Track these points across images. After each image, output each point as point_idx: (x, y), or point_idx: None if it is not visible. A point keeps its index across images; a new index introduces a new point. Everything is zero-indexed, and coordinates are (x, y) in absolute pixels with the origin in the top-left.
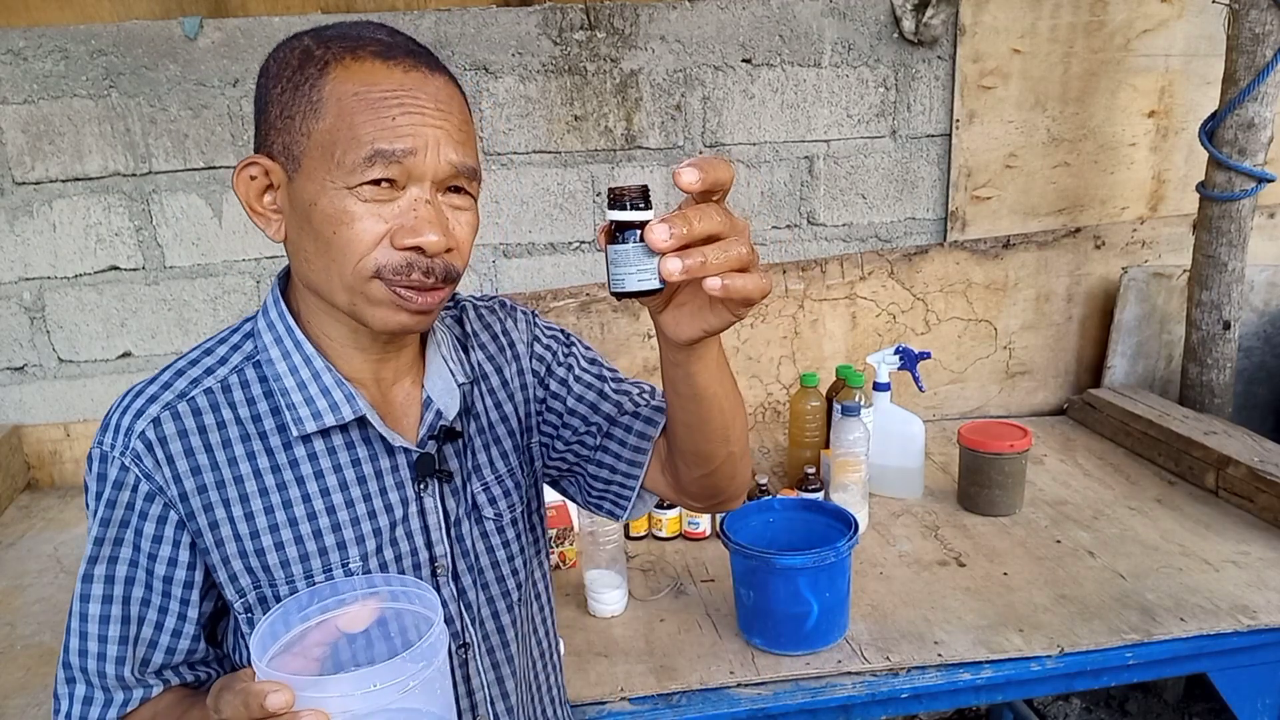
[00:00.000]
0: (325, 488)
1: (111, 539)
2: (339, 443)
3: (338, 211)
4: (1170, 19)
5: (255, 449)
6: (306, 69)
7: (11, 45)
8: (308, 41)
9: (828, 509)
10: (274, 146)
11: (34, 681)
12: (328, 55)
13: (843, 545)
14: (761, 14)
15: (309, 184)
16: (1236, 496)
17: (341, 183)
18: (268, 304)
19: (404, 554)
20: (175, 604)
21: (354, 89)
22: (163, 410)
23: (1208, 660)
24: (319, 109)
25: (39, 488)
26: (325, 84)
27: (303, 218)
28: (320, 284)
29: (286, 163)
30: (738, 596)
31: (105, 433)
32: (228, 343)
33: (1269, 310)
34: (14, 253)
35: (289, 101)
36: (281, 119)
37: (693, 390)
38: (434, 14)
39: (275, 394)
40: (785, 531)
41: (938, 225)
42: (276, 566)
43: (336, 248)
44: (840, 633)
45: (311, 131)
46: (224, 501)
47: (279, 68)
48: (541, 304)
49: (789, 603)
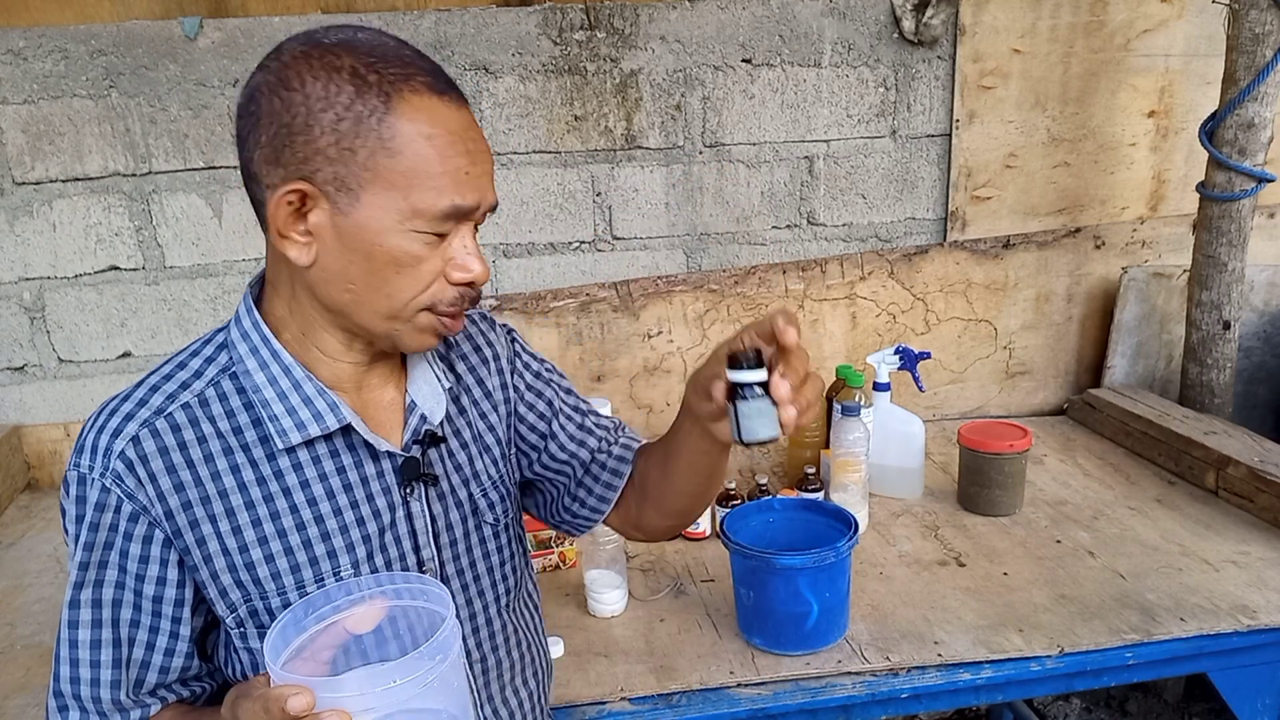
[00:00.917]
0: (312, 497)
1: (96, 562)
2: (323, 451)
3: (405, 254)
4: (1170, 19)
5: (239, 461)
6: (366, 99)
7: (11, 45)
8: (350, 62)
9: (828, 509)
10: (320, 174)
11: (34, 681)
12: (384, 84)
13: (843, 545)
14: (761, 14)
15: (371, 220)
16: (1236, 496)
17: (410, 226)
18: (240, 314)
19: (394, 559)
20: (167, 623)
21: (425, 130)
22: (141, 428)
23: (1208, 660)
24: (390, 147)
25: (39, 488)
26: (393, 120)
27: (356, 251)
28: (353, 310)
29: (337, 192)
30: (738, 596)
31: (81, 454)
32: (200, 355)
33: (1269, 310)
34: (14, 253)
35: (350, 132)
36: (338, 149)
37: (710, 470)
38: (434, 14)
39: (255, 405)
40: (785, 531)
41: (938, 225)
42: (268, 579)
43: (395, 284)
44: (840, 633)
45: (379, 168)
46: (210, 517)
47: (327, 90)
48: (541, 304)
49: (789, 603)
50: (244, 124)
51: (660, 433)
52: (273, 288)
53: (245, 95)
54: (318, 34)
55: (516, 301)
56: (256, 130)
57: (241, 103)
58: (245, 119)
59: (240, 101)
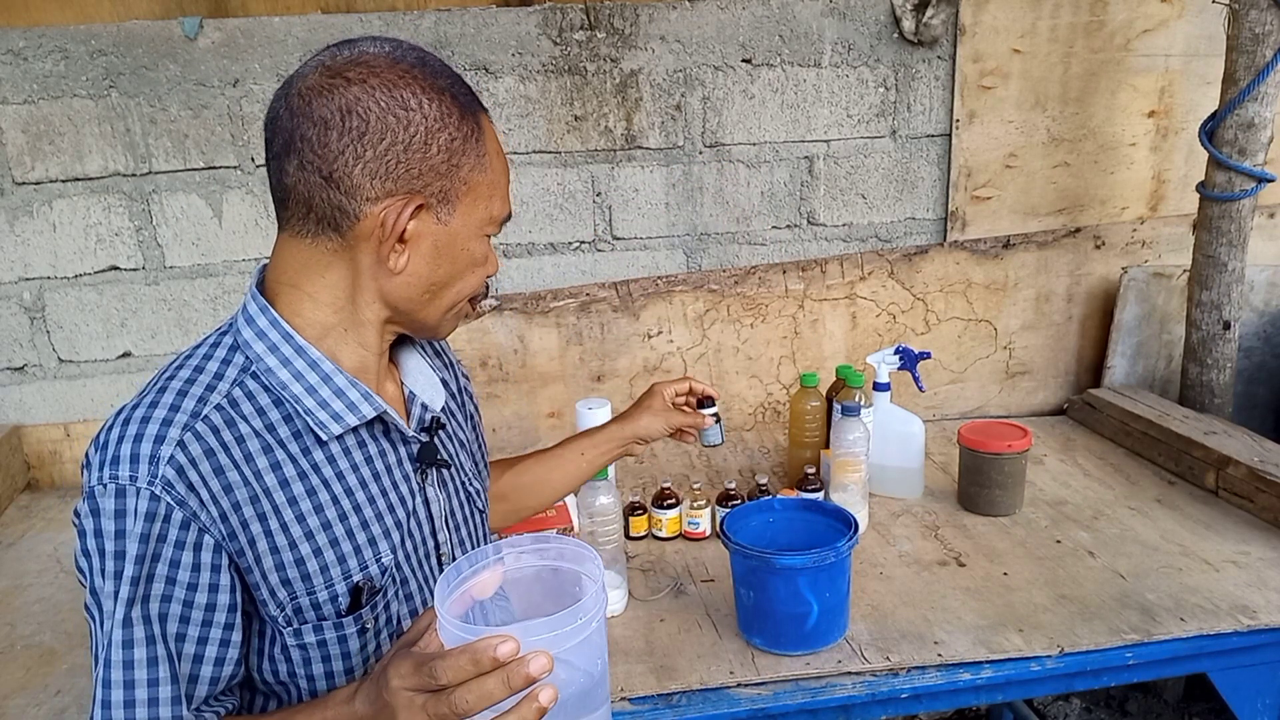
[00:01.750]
0: (349, 487)
1: (146, 576)
2: (352, 442)
3: (480, 254)
4: (1170, 19)
5: (278, 459)
6: (468, 122)
7: (11, 45)
8: (446, 84)
9: (828, 509)
10: (429, 187)
11: (34, 681)
12: (473, 105)
13: (843, 545)
14: (761, 14)
15: (463, 228)
16: (1236, 496)
17: (485, 231)
18: (252, 314)
19: (417, 544)
20: (218, 631)
21: (496, 148)
22: (184, 433)
23: (1208, 660)
24: (484, 164)
25: (39, 488)
26: (485, 141)
27: (445, 255)
28: (422, 307)
29: (439, 205)
30: (738, 596)
31: (119, 465)
32: (214, 358)
33: (1269, 310)
34: (14, 253)
35: (460, 150)
36: (447, 165)
37: (592, 471)
38: (434, 14)
39: (284, 401)
40: (785, 532)
41: (938, 225)
42: (316, 573)
43: (466, 281)
44: (840, 632)
45: (472, 182)
46: (259, 515)
47: (441, 112)
48: (541, 304)
49: (789, 603)
50: (339, 136)
51: None
52: (295, 289)
53: (341, 107)
54: (397, 52)
55: (516, 301)
56: (360, 143)
57: (330, 115)
58: (344, 132)
59: (327, 114)
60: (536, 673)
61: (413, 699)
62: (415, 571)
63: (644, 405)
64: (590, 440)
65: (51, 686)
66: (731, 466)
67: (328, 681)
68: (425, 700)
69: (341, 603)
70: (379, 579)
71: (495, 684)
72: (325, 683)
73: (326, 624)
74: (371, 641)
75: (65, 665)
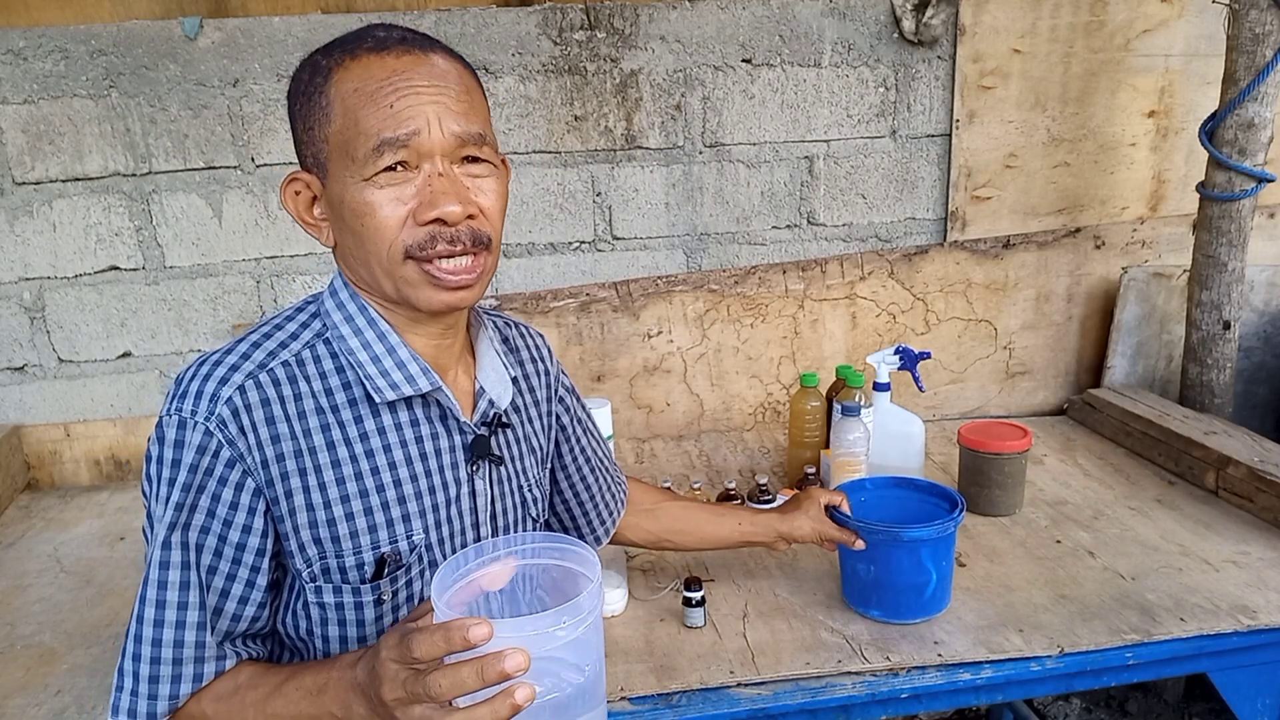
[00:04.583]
0: (393, 461)
1: (190, 505)
2: (405, 419)
3: (361, 204)
4: (1170, 19)
5: (330, 421)
6: (315, 79)
7: (11, 45)
8: (316, 55)
9: (920, 485)
10: (306, 159)
11: (34, 681)
12: (329, 62)
13: (958, 516)
14: (761, 14)
15: (335, 185)
16: (1236, 496)
17: (359, 176)
18: (335, 287)
19: (455, 533)
20: (246, 571)
21: (353, 86)
22: (246, 379)
23: (1208, 660)
24: (329, 114)
25: (39, 488)
26: (330, 88)
27: (338, 218)
28: (366, 278)
29: (318, 172)
30: (851, 573)
31: (184, 400)
32: (295, 320)
33: (1269, 310)
34: (14, 253)
35: (307, 114)
36: (305, 132)
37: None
38: (434, 14)
39: (348, 368)
40: (877, 509)
41: (938, 225)
42: (345, 537)
43: (368, 238)
44: (948, 600)
45: (328, 137)
46: (300, 471)
47: (296, 85)
48: (541, 304)
49: (911, 573)
50: None
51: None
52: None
53: None
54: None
55: (516, 301)
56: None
57: None
58: None
59: None
60: (511, 669)
61: (397, 673)
62: None
63: (803, 507)
64: (750, 517)
65: (51, 686)
66: (731, 466)
67: (341, 645)
68: (406, 677)
69: (366, 571)
70: (406, 555)
71: (469, 673)
72: (339, 645)
73: (346, 588)
74: (388, 615)
75: (65, 665)
